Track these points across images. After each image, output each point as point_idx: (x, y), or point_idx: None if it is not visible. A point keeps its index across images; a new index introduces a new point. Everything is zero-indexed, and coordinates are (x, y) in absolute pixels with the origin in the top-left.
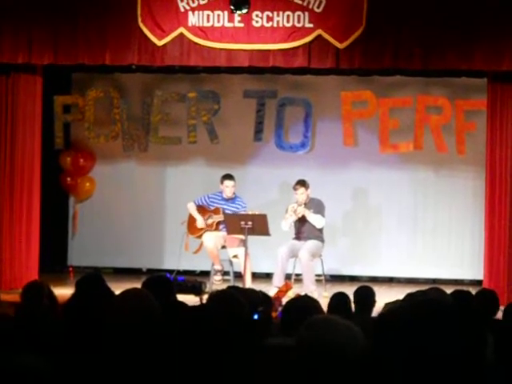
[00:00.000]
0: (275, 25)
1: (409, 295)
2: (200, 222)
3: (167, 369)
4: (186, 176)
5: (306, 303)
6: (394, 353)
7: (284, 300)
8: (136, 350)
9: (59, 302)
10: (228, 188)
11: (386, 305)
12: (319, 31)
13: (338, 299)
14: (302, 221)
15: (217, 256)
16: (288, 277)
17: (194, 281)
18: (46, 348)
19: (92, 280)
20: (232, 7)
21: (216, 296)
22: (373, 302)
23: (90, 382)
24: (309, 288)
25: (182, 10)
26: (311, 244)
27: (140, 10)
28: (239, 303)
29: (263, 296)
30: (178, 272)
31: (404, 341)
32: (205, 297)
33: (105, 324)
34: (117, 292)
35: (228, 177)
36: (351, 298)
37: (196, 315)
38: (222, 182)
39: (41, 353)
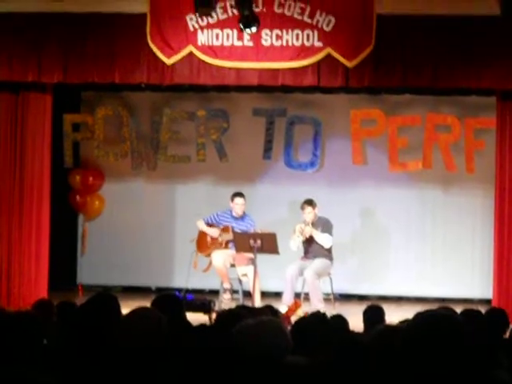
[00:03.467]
0: (284, 43)
1: (418, 314)
2: (213, 232)
3: None
4: (195, 194)
5: (315, 321)
6: (401, 369)
7: (293, 319)
8: (145, 368)
9: None
10: (238, 206)
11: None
12: (328, 50)
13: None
14: (309, 241)
15: (226, 274)
16: (297, 295)
17: (203, 299)
18: (54, 365)
19: (105, 300)
20: (241, 26)
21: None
22: (382, 322)
23: None
24: (316, 307)
25: (192, 28)
26: (318, 263)
27: (149, 29)
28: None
29: (272, 311)
30: (187, 290)
31: (411, 356)
32: (214, 315)
33: (114, 342)
34: (126, 311)
35: (238, 195)
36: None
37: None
38: (232, 200)
39: (49, 369)
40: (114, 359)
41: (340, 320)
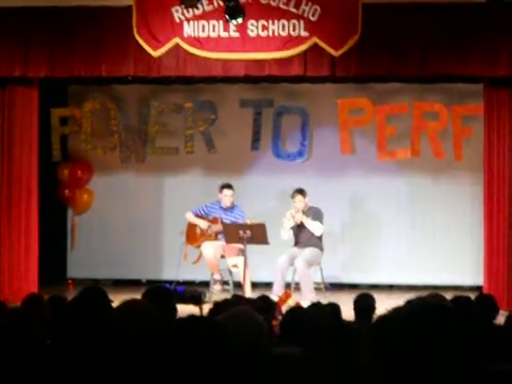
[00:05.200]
0: (270, 34)
1: (408, 302)
2: (203, 224)
3: (168, 379)
4: (184, 186)
5: (307, 311)
6: (392, 357)
7: (284, 309)
8: (138, 360)
9: None
10: (227, 197)
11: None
12: (315, 39)
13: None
14: (300, 228)
15: (216, 266)
16: (288, 285)
17: (193, 291)
18: (46, 359)
19: (93, 294)
20: (227, 17)
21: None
22: (372, 310)
23: None
24: (307, 296)
25: (178, 20)
26: (308, 252)
27: (135, 22)
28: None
29: (268, 302)
30: (178, 282)
31: (403, 344)
32: (205, 306)
33: (107, 335)
34: (117, 304)
35: (227, 186)
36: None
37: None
38: (220, 191)
39: (42, 364)
40: (107, 352)
41: (333, 308)
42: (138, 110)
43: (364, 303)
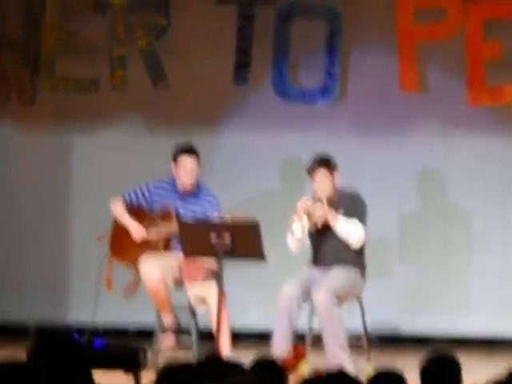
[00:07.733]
0: None
1: None
2: (137, 230)
3: None
4: (108, 150)
5: None
6: None
7: (292, 380)
8: None
9: None
10: (186, 170)
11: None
12: None
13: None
14: (323, 233)
15: (166, 299)
16: (300, 338)
17: (124, 347)
18: None
19: None
20: None
21: None
22: (457, 383)
23: None
24: (336, 356)
25: None
26: (337, 275)
27: None
28: None
29: (274, 370)
30: (95, 331)
31: None
32: (145, 375)
33: None
34: None
35: (188, 150)
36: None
37: None
38: (175, 160)
39: None
40: None
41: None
42: (23, 6)
43: (441, 372)
